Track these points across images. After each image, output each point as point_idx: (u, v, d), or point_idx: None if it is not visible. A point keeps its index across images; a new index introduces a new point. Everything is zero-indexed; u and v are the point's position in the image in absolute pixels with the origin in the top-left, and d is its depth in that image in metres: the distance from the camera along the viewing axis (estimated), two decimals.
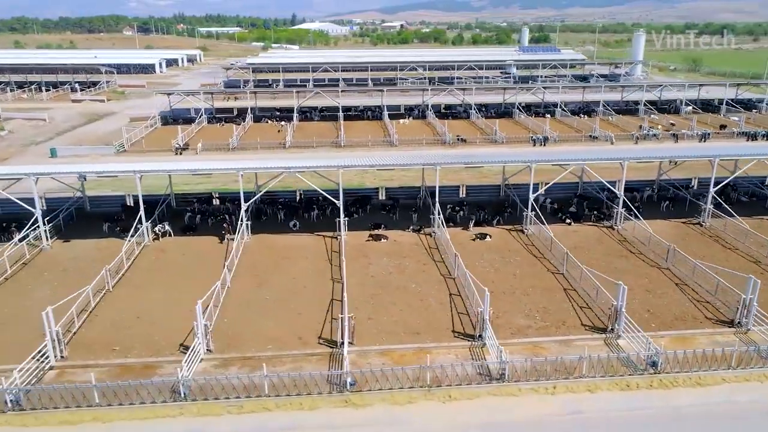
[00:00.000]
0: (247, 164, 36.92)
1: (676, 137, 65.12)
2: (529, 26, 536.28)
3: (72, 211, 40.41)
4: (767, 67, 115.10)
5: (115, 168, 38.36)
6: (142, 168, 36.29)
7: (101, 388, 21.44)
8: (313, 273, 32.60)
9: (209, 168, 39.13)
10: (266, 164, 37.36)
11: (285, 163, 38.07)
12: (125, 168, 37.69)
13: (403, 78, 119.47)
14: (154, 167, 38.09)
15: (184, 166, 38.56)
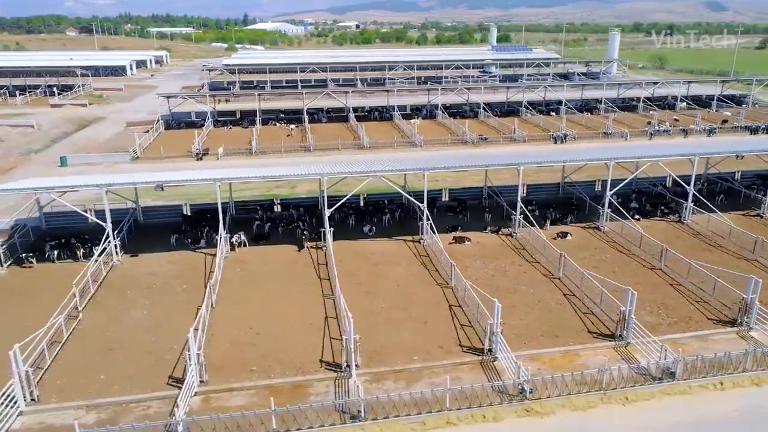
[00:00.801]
0: (330, 168, 35.61)
1: (685, 132, 67.63)
2: (480, 26, 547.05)
3: (130, 223, 37.95)
4: (733, 64, 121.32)
5: (191, 176, 36.02)
6: (223, 175, 34.39)
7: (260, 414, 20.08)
8: (413, 278, 31.80)
9: (288, 174, 37.45)
10: (352, 168, 36.16)
11: (360, 167, 37.01)
12: (205, 176, 35.56)
13: (391, 78, 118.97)
14: (236, 174, 36.12)
15: (261, 173, 36.73)
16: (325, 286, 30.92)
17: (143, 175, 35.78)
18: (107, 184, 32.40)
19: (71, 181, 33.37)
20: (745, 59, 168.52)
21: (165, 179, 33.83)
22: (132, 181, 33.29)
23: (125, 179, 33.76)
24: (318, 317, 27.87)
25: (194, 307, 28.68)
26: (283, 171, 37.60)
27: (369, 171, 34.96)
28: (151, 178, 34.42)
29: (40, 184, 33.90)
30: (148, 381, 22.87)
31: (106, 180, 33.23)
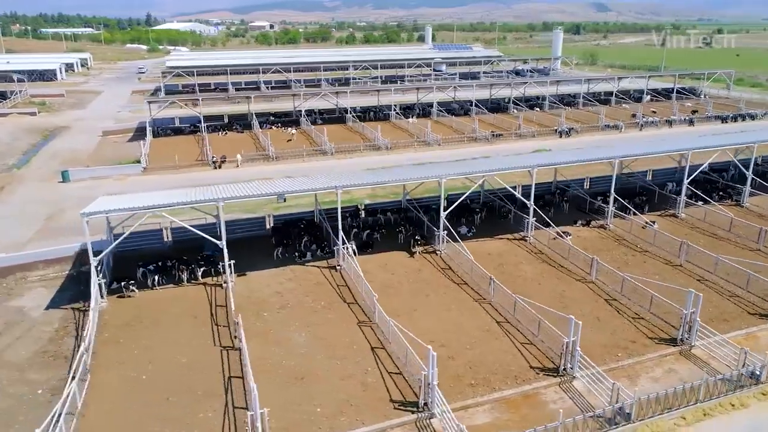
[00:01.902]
0: (449, 170, 34.74)
1: (670, 123, 72.88)
2: (387, 25, 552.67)
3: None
4: (663, 60, 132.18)
5: (310, 185, 33.41)
6: (342, 182, 32.42)
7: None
8: (547, 277, 31.89)
9: (409, 177, 35.91)
10: (470, 168, 35.46)
11: (477, 167, 36.48)
12: (324, 183, 33.16)
13: (356, 78, 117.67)
14: (356, 180, 33.93)
15: (377, 178, 34.76)
16: (468, 291, 30.23)
17: (254, 186, 32.86)
18: (223, 198, 29.50)
19: (176, 198, 29.92)
20: (655, 54, 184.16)
21: (282, 189, 31.37)
22: (249, 193, 30.49)
23: (239, 192, 30.83)
24: (486, 322, 27.23)
25: (352, 323, 27.08)
26: (400, 175, 36.03)
27: (490, 170, 34.62)
28: (265, 189, 31.74)
29: (127, 204, 30.06)
30: (373, 408, 21.28)
31: (221, 194, 30.20)
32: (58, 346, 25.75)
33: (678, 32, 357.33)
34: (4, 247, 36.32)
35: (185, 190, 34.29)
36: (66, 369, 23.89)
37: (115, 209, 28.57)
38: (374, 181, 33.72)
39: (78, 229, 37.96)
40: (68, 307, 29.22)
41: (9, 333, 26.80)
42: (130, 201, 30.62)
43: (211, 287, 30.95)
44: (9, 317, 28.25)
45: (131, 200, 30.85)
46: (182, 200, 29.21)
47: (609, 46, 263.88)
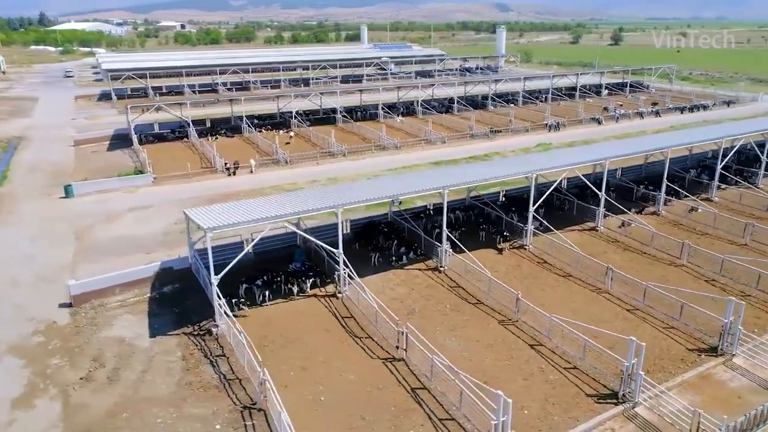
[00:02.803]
0: (533, 166, 35.03)
1: (641, 115, 78.03)
2: (304, 25, 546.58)
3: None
4: (597, 58, 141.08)
5: (417, 187, 32.00)
6: (451, 181, 31.78)
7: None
8: (637, 263, 33.20)
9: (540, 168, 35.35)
10: (560, 162, 35.95)
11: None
12: (431, 184, 32.08)
13: (317, 78, 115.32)
14: (463, 179, 33.23)
15: (485, 175, 34.28)
16: (578, 282, 30.80)
17: (366, 190, 31.44)
18: (342, 204, 28.06)
19: (294, 206, 27.73)
20: (582, 52, 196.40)
21: (394, 192, 30.28)
22: (365, 197, 29.17)
23: (356, 197, 29.36)
24: (618, 310, 27.93)
25: (492, 323, 26.81)
26: (496, 172, 35.44)
27: (580, 162, 35.52)
28: (379, 192, 30.46)
29: (250, 215, 27.24)
30: (574, 404, 21.33)
31: (339, 200, 28.63)
32: (199, 375, 23.36)
33: (584, 30, 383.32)
34: (55, 272, 32.51)
35: (284, 197, 32.29)
36: (225, 399, 21.84)
37: (240, 222, 26.17)
38: (480, 178, 33.53)
39: (122, 248, 35.35)
40: (177, 332, 26.55)
41: (129, 367, 23.96)
42: (240, 212, 28.22)
43: (324, 298, 29.36)
44: (115, 350, 25.23)
45: (239, 211, 28.44)
46: (302, 208, 27.42)
47: (528, 44, 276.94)
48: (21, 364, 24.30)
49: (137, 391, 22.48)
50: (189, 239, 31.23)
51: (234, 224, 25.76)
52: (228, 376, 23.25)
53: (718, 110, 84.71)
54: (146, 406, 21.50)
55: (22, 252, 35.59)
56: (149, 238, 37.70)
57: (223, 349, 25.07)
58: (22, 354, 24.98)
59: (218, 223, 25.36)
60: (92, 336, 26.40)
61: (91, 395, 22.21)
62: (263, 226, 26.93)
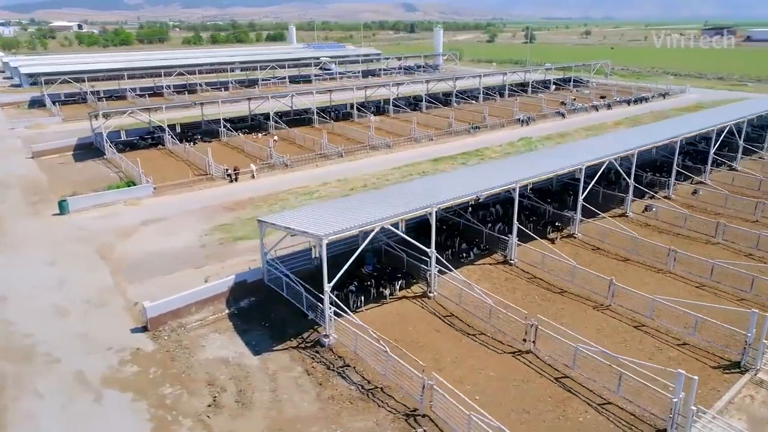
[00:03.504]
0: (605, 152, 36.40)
1: (596, 108, 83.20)
2: (216, 25, 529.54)
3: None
4: (528, 55, 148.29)
5: (490, 184, 32.02)
6: (521, 176, 32.27)
7: None
8: (680, 245, 35.67)
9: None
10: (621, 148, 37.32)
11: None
12: (503, 181, 32.28)
13: (265, 79, 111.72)
14: (533, 172, 33.51)
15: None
16: (642, 264, 32.57)
17: (454, 188, 31.06)
18: (437, 203, 27.85)
19: (392, 209, 26.88)
20: (509, 50, 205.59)
21: (473, 190, 30.35)
22: (454, 195, 29.01)
23: (448, 195, 29.07)
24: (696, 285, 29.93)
25: (589, 310, 27.89)
26: (568, 161, 36.02)
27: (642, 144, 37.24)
28: (467, 189, 30.31)
29: (357, 221, 26.07)
30: (706, 376, 22.71)
31: (434, 200, 28.25)
32: (335, 388, 22.37)
33: (496, 29, 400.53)
34: (101, 296, 29.79)
35: (360, 197, 31.37)
36: (379, 410, 21.18)
37: (353, 226, 25.14)
38: (550, 170, 34.34)
39: (165, 264, 33.18)
40: (282, 348, 25.22)
41: (255, 388, 22.48)
42: (329, 216, 27.19)
43: (414, 300, 29.04)
44: (226, 371, 23.56)
45: (322, 215, 27.42)
46: (398, 211, 26.83)
47: (449, 43, 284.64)
48: (129, 397, 22.08)
49: (281, 411, 21.20)
50: (263, 249, 29.64)
51: (347, 229, 24.80)
52: (365, 386, 22.49)
53: (657, 101, 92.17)
54: (304, 426, 20.36)
55: (48, 277, 32.06)
56: (187, 252, 35.27)
57: (344, 360, 24.16)
58: (124, 386, 22.67)
59: (330, 230, 24.25)
60: (190, 359, 24.46)
61: (234, 421, 20.68)
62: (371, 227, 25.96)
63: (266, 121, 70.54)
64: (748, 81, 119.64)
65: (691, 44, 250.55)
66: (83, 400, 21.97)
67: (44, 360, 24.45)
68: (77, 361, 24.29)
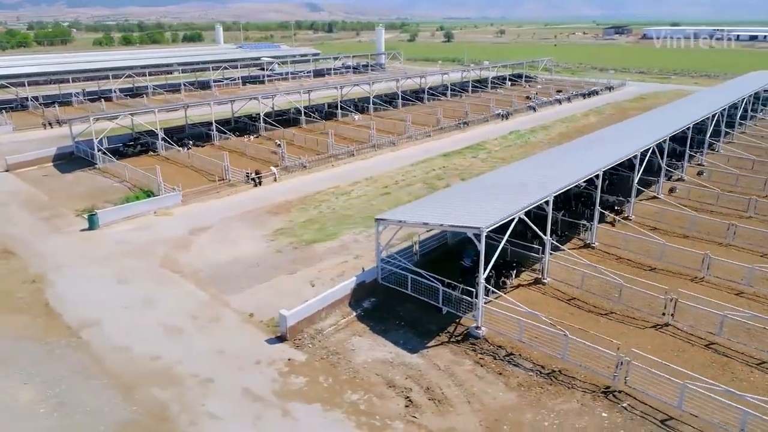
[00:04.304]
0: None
1: (560, 102, 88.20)
2: (128, 24, 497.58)
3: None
4: (466, 53, 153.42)
5: (575, 176, 33.12)
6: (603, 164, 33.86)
7: None
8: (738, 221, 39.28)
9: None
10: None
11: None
12: (587, 171, 33.55)
13: (217, 80, 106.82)
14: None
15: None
16: (708, 238, 35.54)
17: (566, 175, 31.87)
18: (552, 192, 28.78)
19: (514, 204, 27.29)
20: (439, 49, 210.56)
21: (568, 178, 31.58)
22: (563, 185, 29.96)
23: (558, 186, 29.90)
24: None
25: (686, 282, 30.10)
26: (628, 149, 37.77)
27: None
28: (575, 176, 31.37)
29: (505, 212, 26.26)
30: None
31: (547, 189, 29.06)
32: (517, 375, 22.75)
33: (410, 29, 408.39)
34: (205, 311, 28.06)
35: (459, 189, 31.46)
36: (573, 391, 21.86)
37: (509, 214, 25.36)
38: (623, 155, 36.22)
39: (255, 274, 32.00)
40: (436, 344, 25.14)
41: (440, 385, 22.25)
42: (461, 210, 27.31)
43: (529, 287, 29.88)
44: (396, 372, 23.14)
45: (458, 210, 27.50)
46: (526, 201, 27.42)
47: (372, 42, 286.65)
48: (319, 408, 21.15)
49: (483, 403, 21.27)
50: (378, 249, 29.12)
51: (499, 220, 25.11)
52: (543, 371, 23.04)
53: (605, 94, 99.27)
54: (516, 414, 20.62)
55: (131, 296, 29.52)
56: (264, 258, 33.82)
57: (504, 348, 24.54)
58: (306, 398, 21.66)
59: (487, 222, 24.45)
60: (351, 364, 23.75)
61: (445, 418, 20.53)
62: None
63: (253, 123, 68.12)
64: (669, 74, 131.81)
65: (595, 42, 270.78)
66: (271, 415, 20.77)
67: (196, 381, 22.71)
68: (234, 378, 22.82)
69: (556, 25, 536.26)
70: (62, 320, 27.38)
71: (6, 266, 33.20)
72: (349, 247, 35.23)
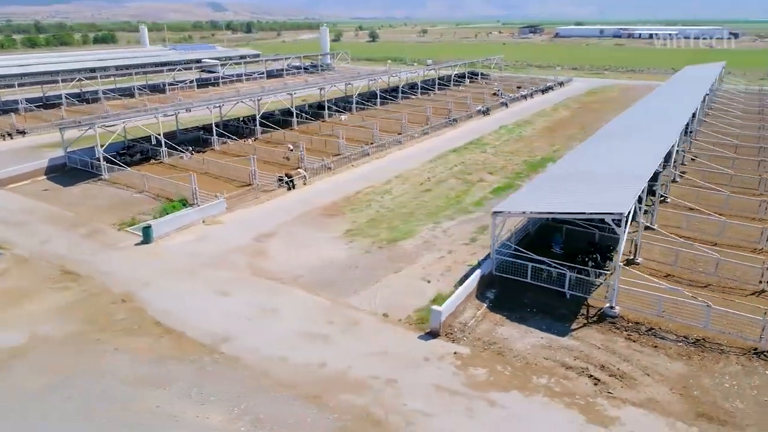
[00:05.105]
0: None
1: (525, 97, 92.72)
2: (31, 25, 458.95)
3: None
4: (407, 53, 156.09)
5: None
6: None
7: None
8: None
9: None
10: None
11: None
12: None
13: (173, 83, 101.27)
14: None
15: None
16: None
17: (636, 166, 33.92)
18: (647, 177, 31.07)
19: (635, 187, 29.15)
20: (368, 48, 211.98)
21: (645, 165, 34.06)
22: (651, 170, 32.29)
23: (648, 172, 32.10)
24: None
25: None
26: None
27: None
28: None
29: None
30: None
31: (647, 175, 31.22)
32: (670, 348, 24.69)
33: (332, 29, 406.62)
34: (332, 318, 27.79)
35: (547, 179, 32.91)
36: (725, 358, 24.11)
37: (632, 198, 27.20)
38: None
39: (350, 276, 31.92)
40: (578, 327, 26.58)
41: (621, 366, 23.64)
42: (580, 198, 28.86)
43: (623, 268, 32.02)
44: (564, 355, 24.33)
45: (578, 197, 29.04)
46: (638, 190, 29.46)
47: (295, 43, 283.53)
48: (517, 395, 21.85)
49: (663, 375, 22.96)
50: (493, 240, 30.03)
51: (634, 203, 26.97)
52: (687, 341, 25.12)
53: (558, 90, 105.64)
54: (698, 378, 22.50)
55: (246, 308, 28.39)
56: (359, 259, 33.70)
57: (641, 324, 26.35)
58: (500, 387, 22.24)
59: (625, 208, 26.16)
60: (517, 353, 24.54)
61: (649, 389, 21.97)
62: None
63: (245, 126, 66.11)
64: (601, 69, 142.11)
65: (512, 40, 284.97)
66: (480, 406, 21.18)
67: (380, 383, 22.55)
68: (415, 376, 22.94)
69: (466, 24, 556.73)
70: (188, 337, 25.91)
71: (80, 288, 30.60)
72: (434, 243, 35.82)
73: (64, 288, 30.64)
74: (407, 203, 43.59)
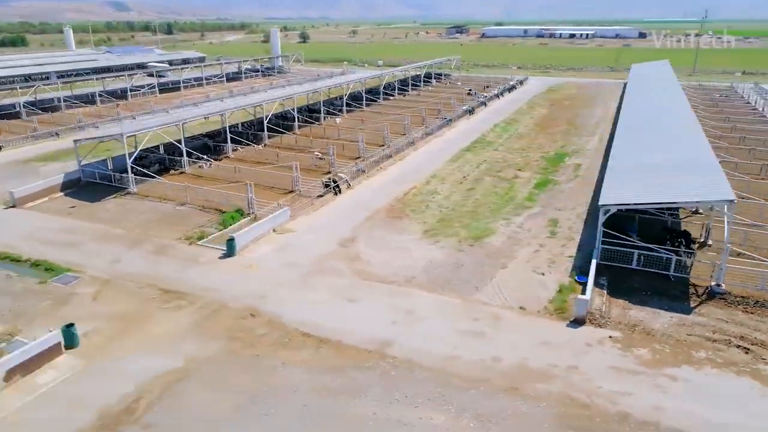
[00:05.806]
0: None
1: (498, 96, 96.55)
2: None
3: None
4: (357, 54, 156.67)
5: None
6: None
7: None
8: None
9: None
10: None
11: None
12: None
13: (134, 89, 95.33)
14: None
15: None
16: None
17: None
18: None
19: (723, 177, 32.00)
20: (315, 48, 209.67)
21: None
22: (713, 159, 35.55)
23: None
24: None
25: None
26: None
27: None
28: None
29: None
30: None
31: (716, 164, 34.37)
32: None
33: (256, 30, 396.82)
34: (476, 315, 28.81)
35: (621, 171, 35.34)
36: None
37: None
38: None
39: (463, 275, 33.81)
40: (695, 304, 29.22)
41: (757, 335, 26.30)
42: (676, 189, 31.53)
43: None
44: (703, 330, 26.78)
45: (678, 188, 31.67)
46: (724, 178, 32.65)
47: (222, 45, 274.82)
48: (689, 369, 23.91)
49: None
50: (600, 231, 32.08)
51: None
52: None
53: (520, 88, 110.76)
54: None
55: (386, 312, 28.64)
56: (457, 257, 34.61)
57: (751, 298, 29.35)
58: (671, 363, 24.21)
59: (731, 195, 29.08)
60: (661, 331, 26.63)
61: None
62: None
63: (249, 131, 64.42)
64: (546, 68, 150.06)
65: (440, 40, 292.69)
66: (668, 384, 22.96)
67: (563, 372, 23.84)
68: (591, 361, 24.42)
69: (387, 25, 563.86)
70: (347, 345, 25.85)
71: (195, 306, 29.35)
72: (519, 238, 37.38)
73: (176, 308, 29.30)
74: (463, 202, 44.86)
